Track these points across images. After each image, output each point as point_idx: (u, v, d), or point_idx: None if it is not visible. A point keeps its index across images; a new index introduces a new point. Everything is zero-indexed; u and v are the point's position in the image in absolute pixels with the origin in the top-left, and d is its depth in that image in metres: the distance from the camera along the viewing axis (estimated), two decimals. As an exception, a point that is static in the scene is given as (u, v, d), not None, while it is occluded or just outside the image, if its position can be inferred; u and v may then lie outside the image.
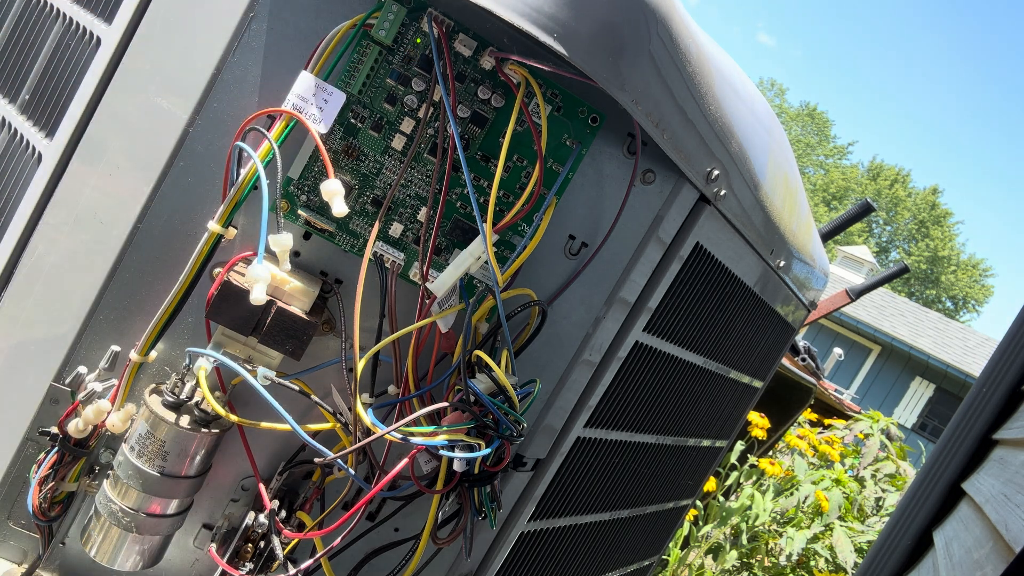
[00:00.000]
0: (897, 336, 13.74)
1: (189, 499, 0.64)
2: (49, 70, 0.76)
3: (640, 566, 1.13)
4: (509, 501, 0.73)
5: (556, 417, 0.71)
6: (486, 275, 0.64)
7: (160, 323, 0.62)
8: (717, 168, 0.66)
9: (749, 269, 0.85)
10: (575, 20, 0.52)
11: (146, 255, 0.63)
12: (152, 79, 0.61)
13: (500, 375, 0.58)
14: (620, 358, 0.71)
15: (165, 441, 0.60)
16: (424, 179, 0.61)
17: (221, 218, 0.60)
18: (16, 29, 0.77)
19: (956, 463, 1.31)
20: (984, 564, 0.85)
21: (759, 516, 2.34)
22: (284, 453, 0.69)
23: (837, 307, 2.46)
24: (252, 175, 0.59)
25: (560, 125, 0.62)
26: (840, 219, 1.92)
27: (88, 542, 0.62)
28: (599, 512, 0.89)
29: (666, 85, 0.57)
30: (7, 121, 0.81)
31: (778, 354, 1.15)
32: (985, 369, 1.36)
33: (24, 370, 0.64)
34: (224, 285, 0.58)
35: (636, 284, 0.69)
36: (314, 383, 0.65)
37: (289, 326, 0.60)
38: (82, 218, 0.62)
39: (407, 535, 0.73)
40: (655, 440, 0.90)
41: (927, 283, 25.31)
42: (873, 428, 2.84)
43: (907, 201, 26.30)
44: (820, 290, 1.17)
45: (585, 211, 0.66)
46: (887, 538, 1.37)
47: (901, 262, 2.99)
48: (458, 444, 0.57)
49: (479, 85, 0.59)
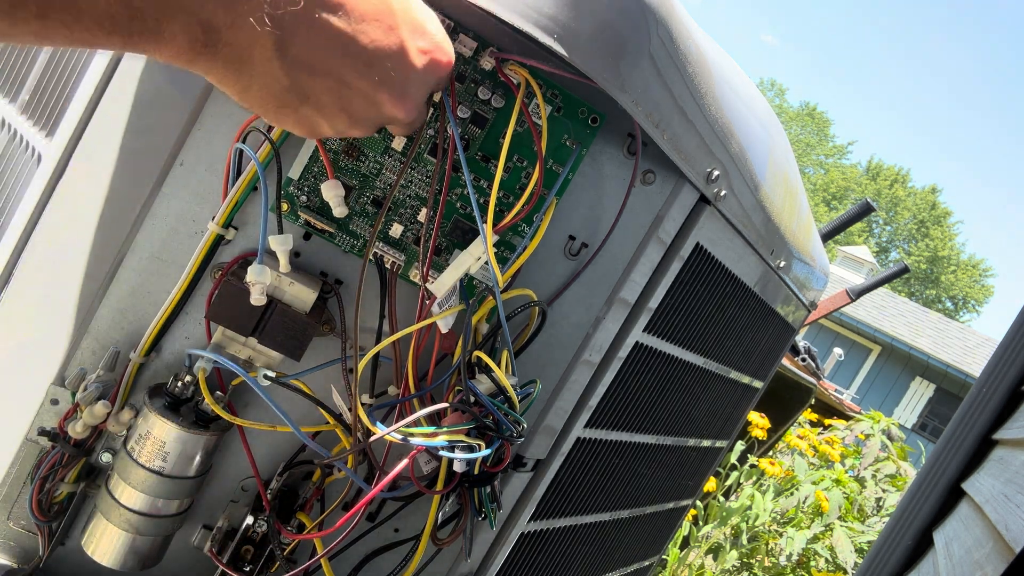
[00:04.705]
0: (897, 336, 13.74)
1: (189, 500, 0.64)
2: (49, 70, 0.76)
3: (640, 566, 1.13)
4: (509, 501, 0.73)
5: (556, 417, 0.71)
6: (486, 276, 0.64)
7: (160, 323, 0.62)
8: (717, 168, 0.66)
9: (749, 269, 0.85)
10: (575, 21, 0.52)
11: (146, 255, 0.63)
12: (153, 78, 0.61)
13: (500, 376, 0.58)
14: (620, 358, 0.71)
15: (165, 442, 0.60)
16: (424, 179, 0.61)
17: (221, 218, 0.60)
18: (16, 29, 0.77)
19: (956, 463, 1.31)
20: (984, 564, 0.85)
21: (759, 516, 2.34)
22: (284, 454, 0.69)
23: (837, 307, 2.46)
24: (252, 176, 0.59)
25: (560, 125, 0.62)
26: (840, 219, 1.92)
27: (88, 542, 0.62)
28: (599, 512, 0.89)
29: (666, 86, 0.57)
30: (7, 121, 0.81)
31: (778, 354, 1.15)
32: (985, 369, 1.36)
33: (24, 370, 0.64)
34: (224, 286, 0.58)
35: (636, 284, 0.69)
36: (314, 383, 0.65)
37: (289, 327, 0.59)
38: (82, 218, 0.62)
39: (407, 536, 0.73)
40: (655, 440, 0.90)
41: (927, 283, 25.31)
42: (873, 428, 2.84)
43: (907, 201, 26.30)
44: (820, 290, 1.17)
45: (585, 211, 0.66)
46: (887, 538, 1.37)
47: (901, 262, 2.99)
48: (458, 445, 0.57)
49: (479, 85, 0.59)
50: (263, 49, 0.37)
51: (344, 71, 0.42)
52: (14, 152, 0.78)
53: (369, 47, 0.42)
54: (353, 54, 0.42)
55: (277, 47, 0.38)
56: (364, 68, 0.43)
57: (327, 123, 0.45)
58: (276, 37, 0.37)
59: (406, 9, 0.45)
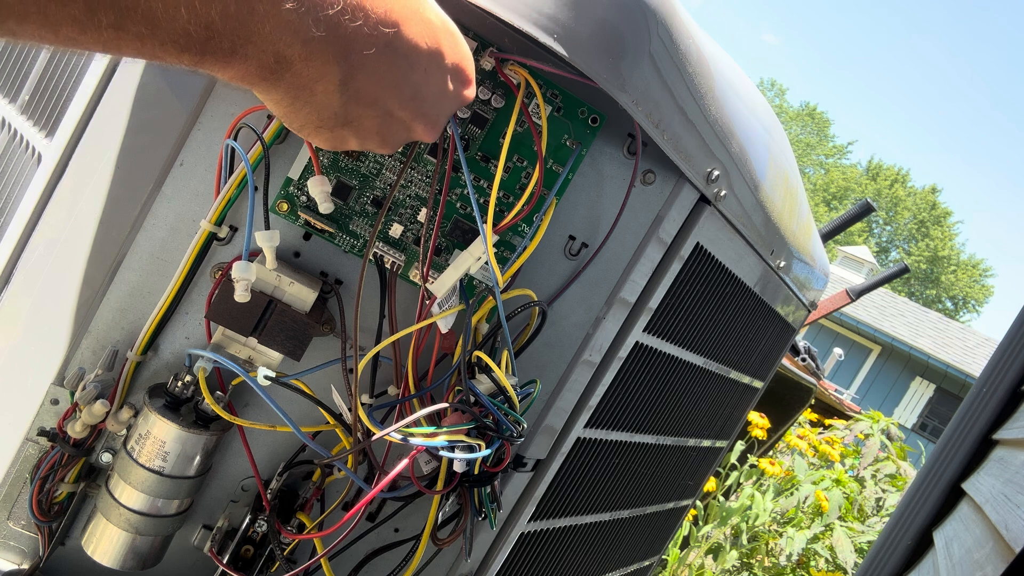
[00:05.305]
0: (897, 336, 13.74)
1: (189, 500, 0.64)
2: (49, 70, 0.76)
3: (640, 566, 1.13)
4: (509, 502, 0.73)
5: (556, 417, 0.71)
6: (486, 275, 0.64)
7: (156, 321, 0.62)
8: (717, 168, 0.66)
9: (749, 269, 0.85)
10: (575, 21, 0.52)
11: (146, 255, 0.63)
12: (153, 79, 0.61)
13: (500, 376, 0.58)
14: (620, 358, 0.71)
15: (165, 442, 0.60)
16: (424, 179, 0.61)
17: (213, 216, 0.60)
18: (16, 29, 0.77)
19: (956, 463, 1.31)
20: (984, 564, 0.85)
21: (759, 516, 2.34)
22: (284, 454, 0.69)
23: (837, 307, 2.46)
24: (244, 173, 0.59)
25: (560, 126, 0.62)
26: (840, 219, 1.92)
27: (88, 542, 0.62)
28: (599, 512, 0.89)
29: (666, 86, 0.57)
30: (7, 121, 0.81)
31: (778, 354, 1.15)
32: (985, 369, 1.36)
33: (24, 370, 0.64)
34: (224, 286, 0.58)
35: (636, 284, 0.69)
36: (314, 383, 0.65)
37: (289, 327, 0.59)
38: (82, 218, 0.62)
39: (407, 535, 0.73)
40: (655, 440, 0.90)
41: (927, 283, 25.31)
42: (873, 428, 2.84)
43: (907, 201, 26.30)
44: (820, 290, 1.17)
45: (585, 211, 0.66)
46: (887, 538, 1.37)
47: (901, 262, 2.99)
48: (458, 445, 0.57)
49: (479, 86, 0.59)
50: (328, 83, 0.39)
51: (391, 103, 0.44)
52: (14, 152, 0.78)
53: (418, 83, 0.44)
54: (401, 88, 0.44)
55: (342, 82, 0.39)
56: (408, 101, 0.45)
57: (358, 142, 0.47)
58: (344, 73, 0.39)
59: (453, 46, 0.47)
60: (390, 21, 0.39)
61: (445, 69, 0.46)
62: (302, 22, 0.34)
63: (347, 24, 0.37)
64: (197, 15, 0.30)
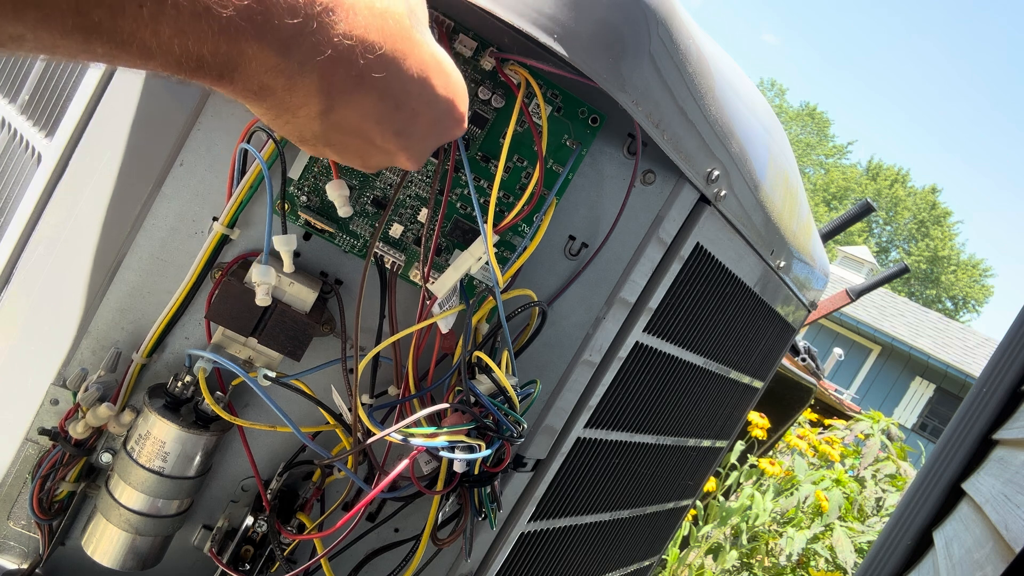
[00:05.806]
0: (897, 336, 13.75)
1: (189, 500, 0.64)
2: (49, 70, 0.76)
3: (640, 566, 1.13)
4: (509, 502, 0.73)
5: (556, 418, 0.71)
6: (486, 276, 0.64)
7: (163, 324, 0.62)
8: (717, 168, 0.66)
9: (749, 269, 0.85)
10: (575, 21, 0.52)
11: (146, 255, 0.63)
12: (153, 78, 0.61)
13: (500, 376, 0.58)
14: (620, 358, 0.71)
15: (165, 442, 0.60)
16: (424, 179, 0.61)
17: (226, 218, 0.60)
18: (16, 29, 0.77)
19: (956, 463, 1.31)
20: (984, 564, 0.85)
21: (759, 516, 2.34)
22: (284, 454, 0.69)
23: (837, 307, 2.46)
24: (255, 176, 0.59)
25: (560, 126, 0.62)
26: (840, 219, 1.92)
27: (88, 542, 0.62)
28: (599, 512, 0.89)
29: (666, 86, 0.57)
30: (7, 121, 0.81)
31: (778, 354, 1.15)
32: (985, 369, 1.36)
33: (24, 370, 0.64)
34: (224, 286, 0.58)
35: (636, 284, 0.69)
36: (314, 383, 0.65)
37: (289, 327, 0.59)
38: (82, 218, 0.62)
39: (407, 536, 0.73)
40: (655, 440, 0.90)
41: (927, 283, 25.31)
42: (873, 428, 2.84)
43: (907, 201, 26.31)
44: (820, 290, 1.17)
45: (585, 212, 0.66)
46: (887, 538, 1.37)
47: (901, 262, 2.99)
48: (458, 445, 0.57)
49: (479, 85, 0.59)
50: (309, 110, 0.40)
51: (373, 135, 0.44)
52: (14, 152, 0.78)
53: (404, 121, 0.44)
54: (385, 124, 0.44)
55: (322, 112, 0.40)
56: (392, 136, 0.45)
57: (340, 160, 0.47)
58: (324, 105, 0.39)
59: (446, 85, 0.46)
60: (379, 66, 0.39)
61: (434, 109, 0.46)
62: (288, 64, 0.35)
63: (334, 69, 0.37)
64: (189, 52, 0.32)
